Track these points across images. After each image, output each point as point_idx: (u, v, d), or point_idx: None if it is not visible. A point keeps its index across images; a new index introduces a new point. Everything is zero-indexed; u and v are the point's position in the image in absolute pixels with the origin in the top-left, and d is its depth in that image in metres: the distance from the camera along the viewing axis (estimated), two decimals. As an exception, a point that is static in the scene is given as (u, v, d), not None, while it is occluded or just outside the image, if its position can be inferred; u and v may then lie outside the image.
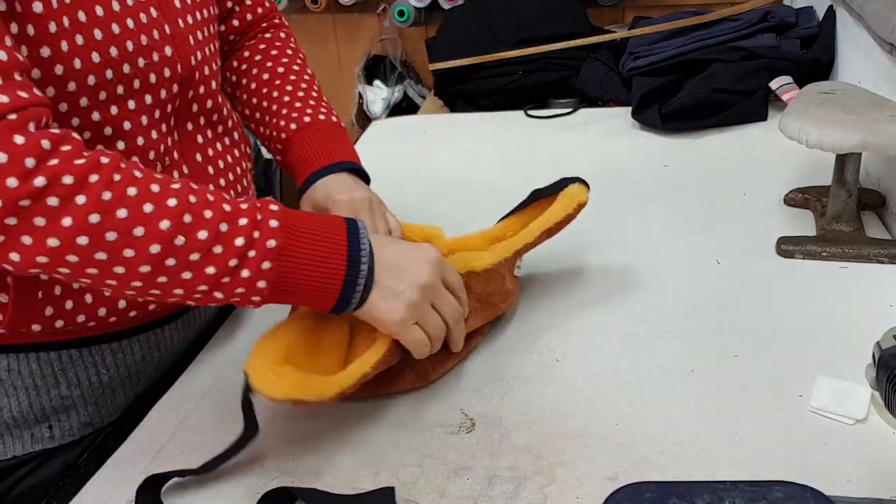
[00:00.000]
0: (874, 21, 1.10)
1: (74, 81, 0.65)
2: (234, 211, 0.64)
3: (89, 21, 0.65)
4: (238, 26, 0.93)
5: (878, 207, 1.03)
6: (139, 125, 0.72)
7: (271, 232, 0.64)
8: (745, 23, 1.50)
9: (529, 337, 0.83)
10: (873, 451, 0.64)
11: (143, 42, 0.70)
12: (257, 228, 0.63)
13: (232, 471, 0.67)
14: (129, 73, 0.69)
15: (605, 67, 1.58)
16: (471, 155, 1.34)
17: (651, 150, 1.29)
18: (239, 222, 0.63)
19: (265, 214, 0.65)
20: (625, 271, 0.94)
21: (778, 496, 0.57)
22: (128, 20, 0.68)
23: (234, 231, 0.63)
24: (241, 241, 0.62)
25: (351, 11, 2.23)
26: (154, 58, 0.71)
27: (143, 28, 0.70)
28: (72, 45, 0.64)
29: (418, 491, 0.64)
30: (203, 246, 0.61)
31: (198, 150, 0.82)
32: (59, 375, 0.76)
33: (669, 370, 0.76)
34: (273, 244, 0.63)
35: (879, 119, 0.88)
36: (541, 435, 0.69)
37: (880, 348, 0.61)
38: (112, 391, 0.80)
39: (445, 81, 1.75)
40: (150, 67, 0.71)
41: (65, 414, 0.78)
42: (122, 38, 0.68)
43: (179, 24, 0.75)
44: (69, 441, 0.79)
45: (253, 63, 0.93)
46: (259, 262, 0.63)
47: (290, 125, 0.88)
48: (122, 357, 0.80)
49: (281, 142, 0.89)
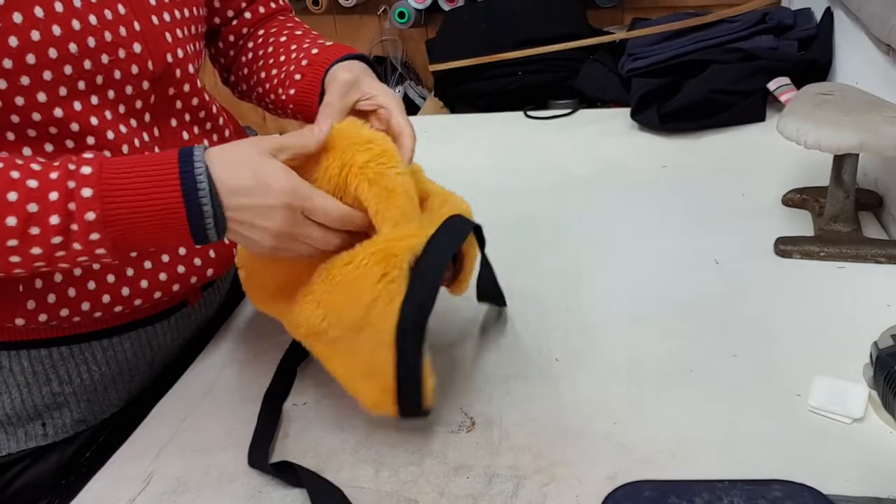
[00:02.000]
0: (872, 22, 1.10)
1: (28, 76, 0.65)
2: (43, 185, 0.60)
3: (47, 17, 0.65)
4: (251, 19, 0.93)
5: (876, 208, 1.03)
6: (105, 120, 0.71)
7: (86, 203, 0.60)
8: (743, 24, 1.50)
9: (529, 337, 0.83)
10: (871, 449, 0.64)
11: (106, 38, 0.69)
12: (72, 199, 0.60)
13: (232, 471, 0.68)
14: (91, 69, 0.69)
15: (605, 68, 1.58)
16: (471, 155, 1.35)
17: (650, 150, 1.29)
18: (49, 197, 0.60)
19: (78, 182, 0.61)
20: (624, 271, 0.94)
21: (776, 495, 0.57)
22: (90, 16, 0.68)
23: (46, 209, 0.60)
24: (56, 218, 0.60)
25: (352, 13, 2.23)
26: (120, 54, 0.71)
27: (107, 24, 0.69)
28: (25, 41, 0.64)
29: (418, 490, 0.64)
30: (17, 231, 0.59)
31: (182, 146, 0.81)
32: (50, 373, 0.77)
33: (668, 370, 0.76)
34: (92, 216, 0.61)
35: (877, 120, 0.88)
36: (540, 434, 0.69)
37: (878, 348, 0.61)
38: (104, 388, 0.81)
39: (445, 82, 1.75)
40: (115, 64, 0.71)
41: (58, 411, 0.78)
42: (83, 35, 0.67)
43: (153, 21, 0.74)
44: (63, 438, 0.79)
45: (269, 34, 0.92)
46: (85, 234, 0.61)
47: (312, 50, 0.86)
48: (112, 354, 0.80)
49: (300, 69, 0.85)
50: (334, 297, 0.66)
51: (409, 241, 0.65)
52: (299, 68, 0.84)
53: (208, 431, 0.73)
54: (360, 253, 0.65)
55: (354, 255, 0.66)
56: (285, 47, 0.88)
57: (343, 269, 0.66)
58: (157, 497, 0.66)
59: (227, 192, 0.63)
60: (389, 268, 0.64)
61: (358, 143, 0.68)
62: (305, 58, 0.85)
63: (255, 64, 0.91)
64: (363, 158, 0.67)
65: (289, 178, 0.65)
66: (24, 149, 0.68)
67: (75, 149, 0.70)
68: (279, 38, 0.90)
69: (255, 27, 0.94)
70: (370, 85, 0.79)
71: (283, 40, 0.90)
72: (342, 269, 0.66)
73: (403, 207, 0.67)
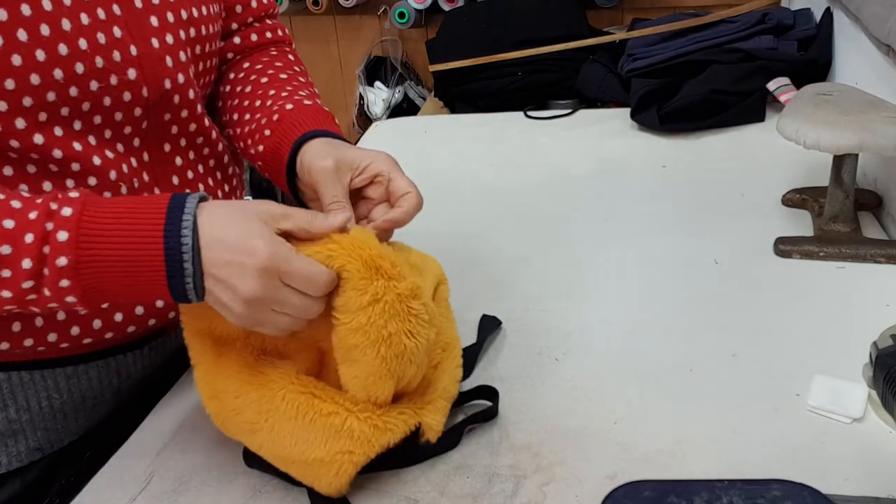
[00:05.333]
0: (871, 23, 1.10)
1: (6, 102, 0.61)
2: (20, 226, 0.57)
3: (31, 41, 0.60)
4: (239, 44, 0.86)
5: (875, 208, 1.03)
6: (89, 146, 0.67)
7: (59, 248, 0.56)
8: (743, 24, 1.50)
9: (529, 337, 0.83)
10: (870, 449, 0.64)
11: (97, 65, 0.64)
12: (47, 243, 0.56)
13: (232, 471, 0.68)
14: (77, 96, 0.64)
15: (604, 69, 1.58)
16: (471, 156, 1.34)
17: (650, 150, 1.29)
18: (25, 240, 0.56)
19: (56, 223, 0.57)
20: (623, 271, 0.94)
21: (776, 494, 0.57)
22: (80, 41, 0.63)
23: (20, 252, 0.56)
24: (28, 262, 0.56)
25: (352, 13, 2.23)
26: (112, 81, 0.66)
27: (99, 49, 0.64)
28: (4, 65, 0.59)
29: (419, 489, 0.64)
30: None
31: (175, 173, 0.76)
32: (7, 398, 0.72)
33: (668, 369, 0.76)
34: (64, 262, 0.56)
35: (876, 120, 0.88)
36: (540, 434, 0.69)
37: (877, 348, 0.61)
38: (64, 416, 0.75)
39: (445, 82, 1.75)
40: (106, 91, 0.66)
41: (12, 439, 0.73)
42: (71, 61, 0.62)
43: (153, 45, 0.69)
44: (16, 468, 0.74)
45: (253, 70, 0.84)
46: (55, 280, 0.57)
47: (286, 105, 0.78)
48: (76, 382, 0.74)
49: (270, 124, 0.78)
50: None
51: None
52: (270, 123, 0.77)
53: (208, 431, 0.73)
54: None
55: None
56: (263, 91, 0.81)
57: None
58: (157, 497, 0.66)
59: (207, 243, 0.59)
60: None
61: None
62: (278, 112, 0.77)
63: (231, 100, 0.84)
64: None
65: (273, 241, 0.59)
66: (6, 168, 0.64)
67: (59, 173, 0.66)
68: (260, 78, 0.83)
69: (242, 55, 0.86)
70: (353, 157, 0.71)
71: (263, 81, 0.82)
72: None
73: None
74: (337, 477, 0.62)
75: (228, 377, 0.64)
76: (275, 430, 0.62)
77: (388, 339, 0.60)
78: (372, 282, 0.60)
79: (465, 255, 0.99)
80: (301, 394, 0.62)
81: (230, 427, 0.65)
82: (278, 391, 0.62)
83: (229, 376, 0.64)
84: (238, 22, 0.86)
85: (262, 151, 0.78)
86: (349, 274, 0.60)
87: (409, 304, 0.61)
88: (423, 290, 0.63)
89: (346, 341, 0.61)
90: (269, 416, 0.62)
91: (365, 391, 0.62)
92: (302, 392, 0.62)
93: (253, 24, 0.87)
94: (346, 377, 0.62)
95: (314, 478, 0.63)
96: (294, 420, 0.62)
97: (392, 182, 0.71)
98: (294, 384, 0.63)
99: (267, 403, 0.62)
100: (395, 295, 0.60)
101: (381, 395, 0.62)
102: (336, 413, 0.62)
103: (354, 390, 0.62)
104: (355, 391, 0.62)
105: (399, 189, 0.70)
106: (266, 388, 0.63)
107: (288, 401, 0.62)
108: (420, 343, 0.62)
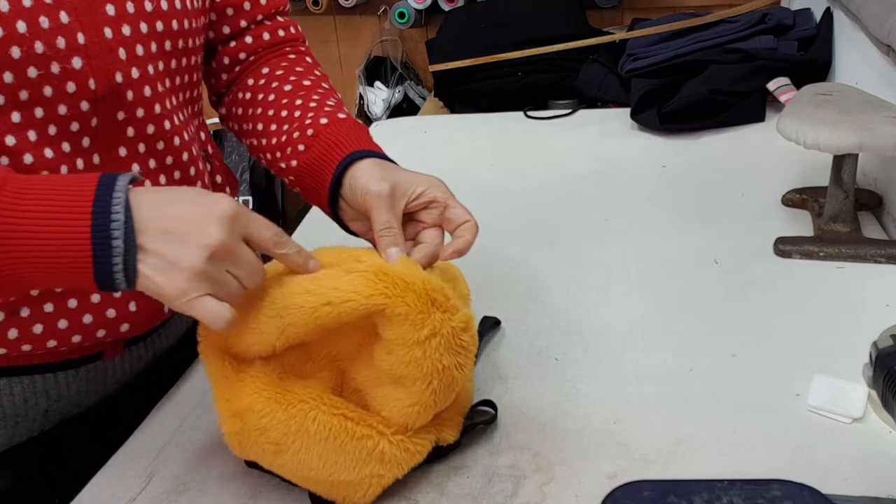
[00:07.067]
0: (871, 23, 1.10)
1: None
2: None
3: None
4: (251, 44, 0.82)
5: (875, 208, 1.04)
6: (27, 141, 0.62)
7: None
8: (742, 24, 1.50)
9: (529, 337, 0.83)
10: (870, 449, 0.64)
11: (37, 50, 0.60)
12: None
13: (232, 471, 0.68)
14: (13, 83, 0.60)
15: (604, 69, 1.58)
16: (471, 156, 1.35)
17: (650, 150, 1.29)
18: None
19: None
20: (623, 271, 0.94)
21: (776, 494, 0.57)
22: (18, 23, 0.59)
23: None
24: None
25: (352, 13, 2.24)
26: (53, 69, 0.61)
27: (40, 34, 0.60)
28: None
29: (419, 489, 0.64)
30: None
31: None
32: None
33: (668, 369, 0.76)
34: None
35: (876, 120, 0.88)
36: (540, 434, 0.69)
37: (877, 348, 0.61)
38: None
39: (445, 82, 1.75)
40: (46, 79, 0.61)
41: None
42: (5, 44, 0.58)
43: (105, 34, 0.64)
44: None
45: (274, 77, 0.81)
46: None
47: (320, 119, 0.75)
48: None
49: (304, 139, 0.75)
50: None
51: None
52: (304, 138, 0.75)
53: (208, 431, 0.73)
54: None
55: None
56: (289, 101, 0.78)
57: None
58: (157, 497, 0.66)
59: (153, 202, 0.55)
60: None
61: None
62: (312, 127, 0.75)
63: (253, 109, 0.80)
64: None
65: (231, 202, 0.56)
66: None
67: None
68: (283, 85, 0.79)
69: (256, 55, 0.83)
70: (409, 182, 0.69)
71: (287, 90, 0.79)
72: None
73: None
74: (363, 497, 0.62)
75: (252, 395, 0.62)
76: (302, 452, 0.61)
77: (441, 373, 0.60)
78: (429, 315, 0.59)
79: (464, 255, 0.98)
80: (333, 415, 0.61)
81: (250, 447, 0.63)
82: (309, 412, 0.61)
83: (253, 394, 0.62)
84: (248, 20, 0.82)
85: (297, 167, 0.75)
86: (408, 308, 0.59)
87: (461, 337, 0.61)
88: (472, 322, 0.63)
89: (397, 371, 0.60)
90: (298, 438, 0.61)
91: (405, 418, 0.61)
92: (334, 414, 0.61)
93: (264, 22, 0.84)
94: (388, 399, 0.62)
95: (338, 496, 0.62)
96: (325, 442, 0.60)
97: (449, 209, 0.70)
98: (326, 405, 0.62)
99: (296, 424, 0.61)
100: (449, 328, 0.60)
101: (421, 423, 0.62)
102: (369, 437, 0.61)
103: (392, 413, 0.62)
104: (392, 415, 0.62)
105: (458, 217, 0.69)
106: (295, 408, 0.61)
107: (319, 422, 0.61)
108: (465, 374, 0.62)
